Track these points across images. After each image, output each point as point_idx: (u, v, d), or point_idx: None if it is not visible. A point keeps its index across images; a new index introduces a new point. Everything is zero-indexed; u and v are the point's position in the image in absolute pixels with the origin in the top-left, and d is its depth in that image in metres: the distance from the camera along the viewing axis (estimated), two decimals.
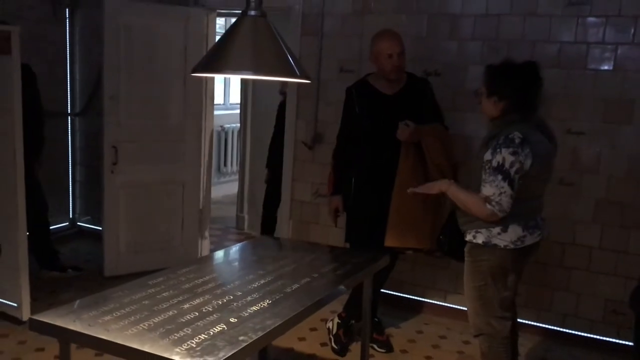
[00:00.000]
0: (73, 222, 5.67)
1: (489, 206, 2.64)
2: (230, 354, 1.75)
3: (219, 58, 2.06)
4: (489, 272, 2.79)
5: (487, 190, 2.64)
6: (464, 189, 2.80)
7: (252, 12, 2.10)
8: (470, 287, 2.89)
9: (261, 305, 2.14)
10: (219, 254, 2.98)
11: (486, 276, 2.80)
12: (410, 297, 4.39)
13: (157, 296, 2.17)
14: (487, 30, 3.98)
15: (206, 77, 4.75)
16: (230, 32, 2.12)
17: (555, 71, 3.72)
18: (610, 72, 3.70)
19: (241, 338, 1.85)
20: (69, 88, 5.43)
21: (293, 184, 4.68)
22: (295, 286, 2.35)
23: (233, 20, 7.00)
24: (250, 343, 1.84)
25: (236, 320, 1.99)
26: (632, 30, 3.62)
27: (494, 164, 2.62)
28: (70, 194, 5.62)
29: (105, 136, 4.48)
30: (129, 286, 2.26)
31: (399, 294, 4.37)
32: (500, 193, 2.61)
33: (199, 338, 1.84)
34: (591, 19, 3.71)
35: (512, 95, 2.69)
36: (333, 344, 3.78)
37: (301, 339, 3.84)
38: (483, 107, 2.84)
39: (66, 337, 1.92)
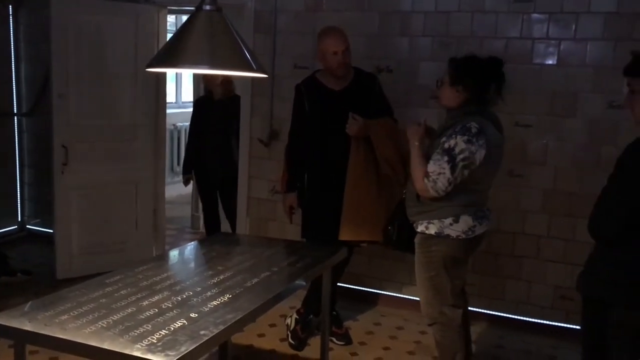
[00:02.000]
0: (22, 225, 5.52)
1: (426, 180, 2.72)
2: (191, 348, 1.75)
3: (174, 52, 2.05)
4: (442, 262, 2.86)
5: (430, 166, 2.72)
6: (422, 157, 2.82)
7: (208, 7, 2.10)
8: (422, 278, 2.96)
9: (221, 300, 2.14)
10: (177, 252, 2.96)
11: (438, 266, 2.87)
12: (367, 289, 4.45)
13: (115, 294, 2.15)
14: (437, 26, 4.06)
15: (159, 73, 4.70)
16: (185, 26, 2.11)
17: None
18: (554, 67, 3.83)
19: (202, 332, 1.86)
20: (14, 88, 5.27)
21: (250, 181, 4.67)
22: (255, 280, 2.36)
23: (184, 17, 6.95)
24: (212, 337, 1.84)
25: (196, 315, 1.99)
26: (574, 27, 3.76)
27: (445, 146, 2.70)
28: (19, 196, 5.46)
29: (55, 136, 4.38)
30: (85, 285, 2.23)
31: (356, 287, 4.42)
32: (440, 173, 2.68)
33: (160, 334, 1.84)
34: (535, 16, 3.84)
35: (475, 86, 2.76)
36: (290, 339, 3.80)
37: (260, 335, 3.85)
38: (442, 97, 2.90)
39: (21, 339, 1.89)
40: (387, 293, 4.41)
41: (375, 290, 4.44)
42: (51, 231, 4.72)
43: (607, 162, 3.69)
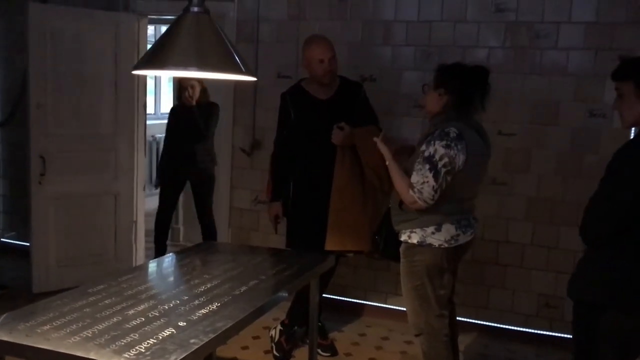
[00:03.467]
0: None
1: (411, 192, 2.69)
2: (182, 357, 1.69)
3: (161, 54, 2.01)
4: (425, 272, 2.81)
5: (414, 177, 2.70)
6: (401, 170, 2.81)
7: (195, 9, 2.07)
8: (407, 288, 2.91)
9: (210, 308, 2.08)
10: (161, 261, 2.89)
11: (422, 276, 2.83)
12: (352, 300, 4.40)
13: (99, 304, 2.08)
14: (420, 36, 4.08)
15: (139, 82, 4.64)
16: (172, 28, 2.07)
17: None
18: (536, 76, 3.86)
19: (192, 341, 1.80)
20: None
21: (232, 191, 4.62)
22: (243, 288, 2.30)
23: (163, 28, 6.88)
24: (202, 345, 1.79)
25: (185, 324, 1.93)
26: (555, 36, 3.80)
27: (426, 154, 2.68)
28: None
29: (32, 146, 4.28)
30: (67, 295, 2.16)
31: (340, 298, 4.37)
32: (423, 182, 2.66)
33: (148, 343, 1.77)
34: (517, 25, 3.87)
35: (456, 91, 2.75)
36: (275, 351, 3.74)
37: (244, 348, 3.78)
38: (426, 102, 2.89)
39: (1, 350, 1.80)
40: (372, 303, 4.37)
41: (360, 301, 4.40)
42: (26, 244, 4.60)
43: (589, 170, 3.77)
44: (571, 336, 2.43)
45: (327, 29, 4.09)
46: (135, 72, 2.08)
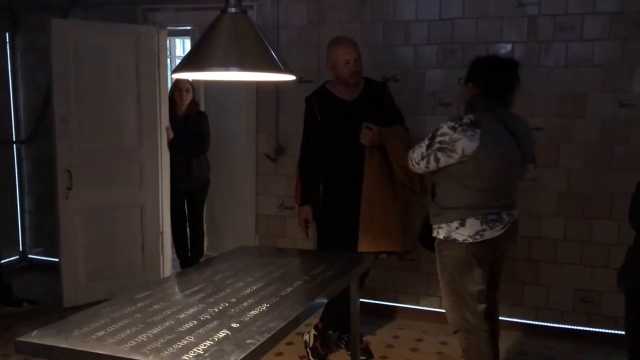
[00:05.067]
0: (23, 254, 5.38)
1: (410, 151, 2.93)
2: (241, 357, 1.67)
3: (201, 56, 2.01)
4: (454, 267, 2.81)
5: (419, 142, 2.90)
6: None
7: (232, 9, 2.06)
8: (442, 284, 2.92)
9: (259, 309, 2.06)
10: (201, 266, 2.88)
11: (452, 271, 2.83)
12: (383, 303, 4.37)
13: (149, 309, 2.06)
14: (442, 34, 4.06)
15: (161, 91, 4.66)
16: (211, 29, 2.07)
17: None
18: (562, 69, 3.83)
19: (249, 341, 1.78)
20: (12, 115, 5.18)
21: (257, 198, 4.61)
22: (289, 289, 2.28)
23: (177, 41, 6.91)
24: (260, 345, 1.77)
25: (238, 325, 1.91)
26: (580, 28, 3.77)
27: (435, 128, 2.81)
28: (20, 225, 5.33)
29: (58, 160, 4.29)
30: (114, 302, 2.14)
31: (371, 301, 4.33)
32: (418, 146, 2.87)
33: (205, 345, 1.76)
34: (540, 19, 3.85)
35: (484, 84, 2.75)
36: (311, 356, 3.71)
37: (278, 354, 3.75)
38: (461, 94, 2.92)
39: (58, 357, 1.78)
40: (404, 305, 4.34)
41: (392, 304, 4.36)
42: (54, 260, 4.61)
43: (620, 162, 3.73)
44: (623, 330, 2.38)
45: (348, 31, 4.08)
46: (175, 75, 2.07)
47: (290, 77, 2.16)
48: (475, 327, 2.87)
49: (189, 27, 5.57)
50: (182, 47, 7.19)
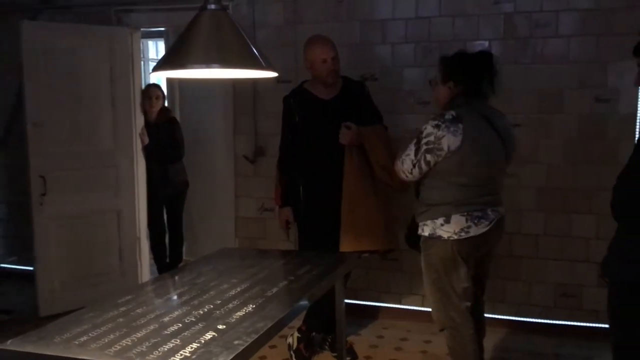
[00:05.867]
0: None
1: (397, 162, 2.86)
2: (230, 358, 1.63)
3: (182, 53, 1.96)
4: (440, 264, 2.79)
5: (404, 149, 2.83)
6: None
7: (212, 6, 2.02)
8: (427, 282, 2.90)
9: (246, 310, 2.02)
10: (184, 269, 2.81)
11: (438, 268, 2.80)
12: (366, 303, 4.34)
13: (132, 313, 2.01)
14: (419, 32, 4.06)
15: (136, 94, 4.59)
16: (191, 27, 2.02)
17: None
18: (538, 65, 3.86)
19: (236, 342, 1.74)
20: None
21: (236, 201, 4.56)
22: (274, 290, 2.25)
23: (150, 43, 6.79)
24: (247, 346, 1.73)
25: (224, 326, 1.87)
26: (555, 25, 3.80)
27: (418, 131, 2.78)
28: None
29: (31, 166, 4.18)
30: (96, 307, 2.08)
31: (354, 302, 4.30)
32: (406, 155, 2.81)
33: (192, 347, 1.71)
34: (516, 16, 3.87)
35: (466, 80, 2.75)
36: (294, 359, 3.67)
37: (262, 358, 3.70)
38: (436, 96, 2.88)
39: None
40: (387, 305, 4.32)
41: (375, 303, 4.34)
42: (29, 268, 4.49)
43: (598, 156, 3.76)
44: (604, 323, 2.38)
45: (325, 31, 4.02)
46: (155, 73, 2.02)
47: (273, 74, 2.13)
48: (461, 325, 2.85)
49: (162, 29, 5.49)
50: (155, 49, 7.09)
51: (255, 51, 2.06)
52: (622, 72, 3.64)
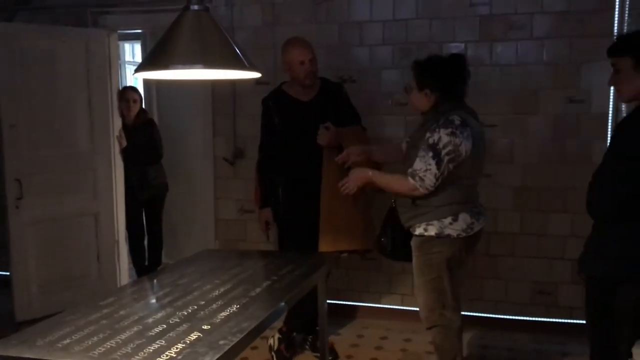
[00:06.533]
0: None
1: (411, 180, 2.71)
2: (216, 358, 1.64)
3: (165, 54, 1.96)
4: (445, 264, 2.80)
5: (416, 164, 2.71)
6: (385, 173, 2.88)
7: (195, 7, 2.03)
8: (423, 282, 2.88)
9: (230, 310, 2.03)
10: (166, 271, 2.80)
11: (440, 268, 2.81)
12: (346, 303, 4.37)
13: (115, 315, 2.00)
14: (396, 34, 4.10)
15: (113, 96, 4.56)
16: (173, 27, 2.02)
17: None
18: (514, 67, 3.93)
19: (222, 342, 1.75)
20: None
21: (216, 203, 4.55)
22: (258, 290, 2.26)
23: (127, 45, 6.73)
24: (233, 345, 1.74)
25: (209, 327, 1.88)
26: (529, 27, 3.87)
27: (430, 141, 2.69)
28: None
29: (7, 169, 4.13)
30: (78, 310, 2.07)
31: (334, 302, 4.32)
32: (426, 170, 2.67)
33: (177, 348, 1.72)
34: (492, 18, 3.93)
35: (442, 86, 2.78)
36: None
37: (243, 359, 3.70)
38: (413, 102, 2.90)
39: None
40: (367, 304, 4.35)
41: (355, 303, 4.37)
42: (4, 273, 4.41)
43: (571, 156, 3.84)
44: (579, 319, 2.45)
45: (303, 32, 4.05)
46: (137, 75, 2.02)
47: (256, 75, 2.14)
48: (452, 322, 2.89)
49: (139, 31, 5.45)
50: (131, 51, 7.04)
51: (238, 52, 2.07)
52: (595, 73, 3.73)
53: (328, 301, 4.16)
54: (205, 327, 1.88)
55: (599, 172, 2.24)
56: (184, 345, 1.73)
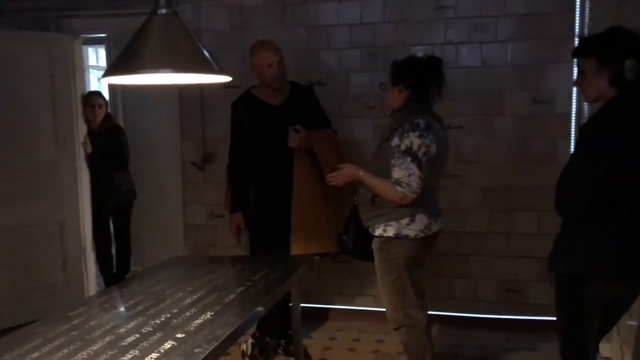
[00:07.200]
0: None
1: (399, 188, 2.71)
2: None
3: (132, 58, 1.93)
4: (404, 264, 2.85)
5: (397, 173, 2.72)
6: (374, 176, 2.85)
7: (163, 11, 2.00)
8: (385, 282, 2.93)
9: (204, 317, 2.01)
10: (137, 279, 2.76)
11: (400, 268, 2.85)
12: (318, 305, 4.36)
13: (85, 325, 1.96)
14: (364, 38, 4.13)
15: (77, 103, 4.48)
16: (141, 31, 1.99)
17: None
18: (479, 69, 3.99)
19: (197, 350, 1.73)
20: None
21: (185, 208, 4.50)
22: (232, 296, 2.24)
23: (90, 50, 6.61)
24: (208, 353, 1.72)
25: (184, 335, 1.85)
26: (494, 30, 3.94)
27: (403, 147, 2.71)
28: None
29: None
30: (48, 321, 2.02)
31: (306, 305, 4.29)
32: (410, 174, 2.70)
33: (151, 357, 1.69)
34: (457, 21, 3.98)
35: (415, 85, 2.81)
36: None
37: None
38: (386, 99, 2.94)
39: None
40: (339, 307, 4.35)
41: (327, 306, 4.37)
42: None
43: (537, 156, 3.91)
44: (549, 316, 2.49)
45: (271, 36, 4.03)
46: (105, 79, 1.99)
47: (226, 78, 2.13)
48: (417, 322, 2.93)
49: (103, 35, 5.36)
50: (95, 56, 6.93)
51: (207, 56, 2.05)
52: (558, 74, 3.81)
53: (301, 305, 4.21)
54: (179, 335, 1.85)
55: (567, 173, 2.28)
56: (158, 354, 1.70)
